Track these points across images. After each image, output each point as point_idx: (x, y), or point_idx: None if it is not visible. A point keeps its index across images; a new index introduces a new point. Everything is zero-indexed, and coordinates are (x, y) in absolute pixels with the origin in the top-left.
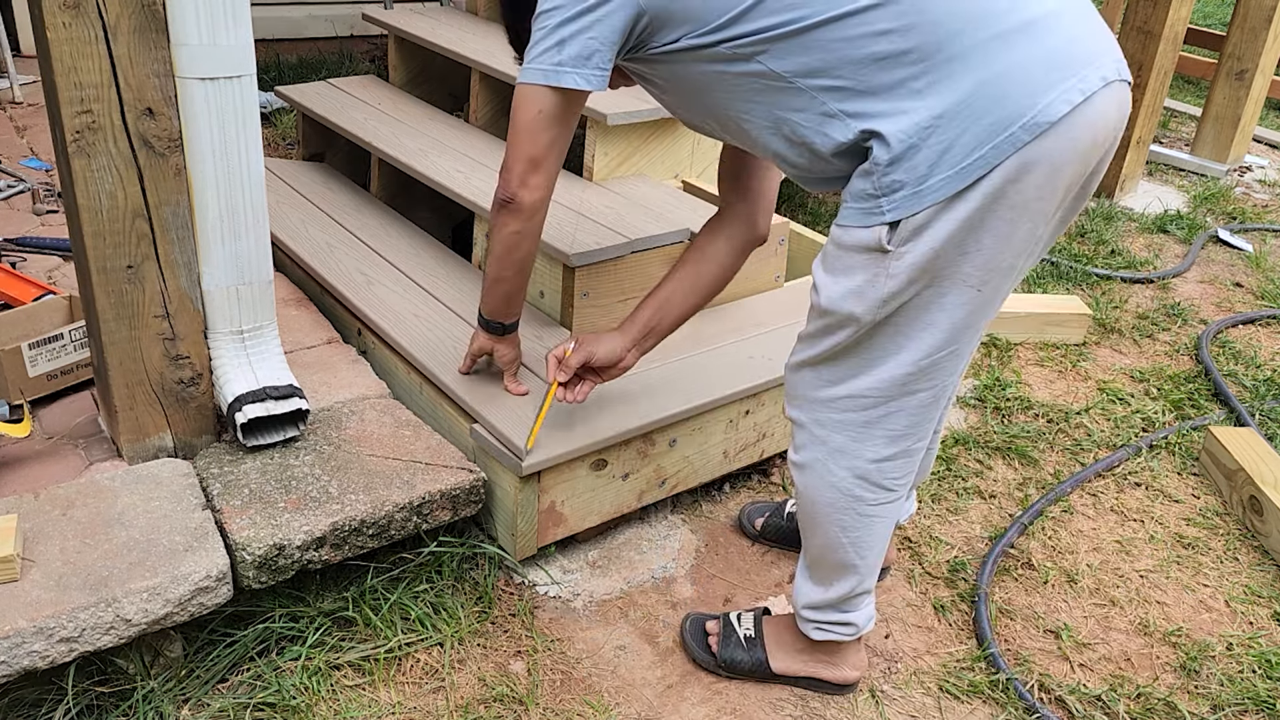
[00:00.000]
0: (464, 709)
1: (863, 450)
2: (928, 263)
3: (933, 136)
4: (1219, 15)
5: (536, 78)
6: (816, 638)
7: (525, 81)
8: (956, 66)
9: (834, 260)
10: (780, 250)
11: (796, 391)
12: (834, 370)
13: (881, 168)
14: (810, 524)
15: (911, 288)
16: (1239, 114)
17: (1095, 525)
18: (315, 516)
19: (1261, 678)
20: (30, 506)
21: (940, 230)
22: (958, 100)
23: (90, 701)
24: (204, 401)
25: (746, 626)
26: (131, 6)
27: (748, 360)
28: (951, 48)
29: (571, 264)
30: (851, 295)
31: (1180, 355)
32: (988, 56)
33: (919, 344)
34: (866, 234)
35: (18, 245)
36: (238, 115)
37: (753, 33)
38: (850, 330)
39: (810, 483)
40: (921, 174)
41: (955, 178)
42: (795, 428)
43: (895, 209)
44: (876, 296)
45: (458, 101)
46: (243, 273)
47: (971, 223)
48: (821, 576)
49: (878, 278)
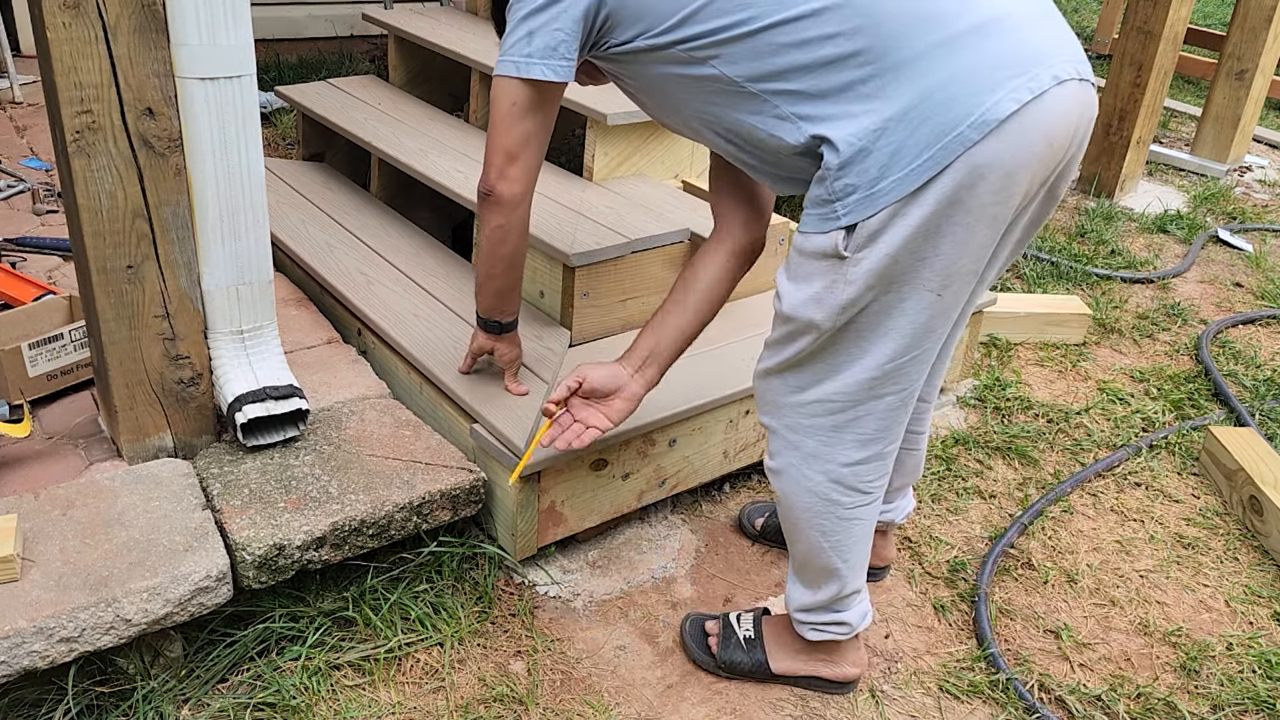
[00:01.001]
0: (464, 709)
1: (835, 454)
2: (885, 269)
3: (882, 139)
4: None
5: (509, 69)
6: (813, 638)
7: (499, 74)
8: (904, 70)
9: (795, 267)
10: (780, 250)
11: (767, 398)
12: (800, 376)
13: (833, 172)
14: (792, 529)
15: (870, 293)
16: (1239, 114)
17: (1095, 525)
18: (315, 516)
19: (1261, 678)
20: (30, 506)
21: (896, 235)
22: (906, 103)
23: (90, 701)
24: (204, 401)
25: (746, 628)
26: (131, 6)
27: (748, 360)
28: (900, 51)
29: (571, 264)
30: (811, 302)
31: (1180, 355)
32: (936, 60)
33: (881, 349)
34: (824, 240)
35: (18, 245)
36: (238, 115)
37: (704, 34)
38: (811, 337)
39: (787, 488)
40: (873, 177)
41: (906, 179)
42: (769, 434)
43: (849, 213)
44: (835, 303)
45: (458, 101)
46: (243, 273)
47: (927, 228)
48: (808, 580)
49: (836, 284)
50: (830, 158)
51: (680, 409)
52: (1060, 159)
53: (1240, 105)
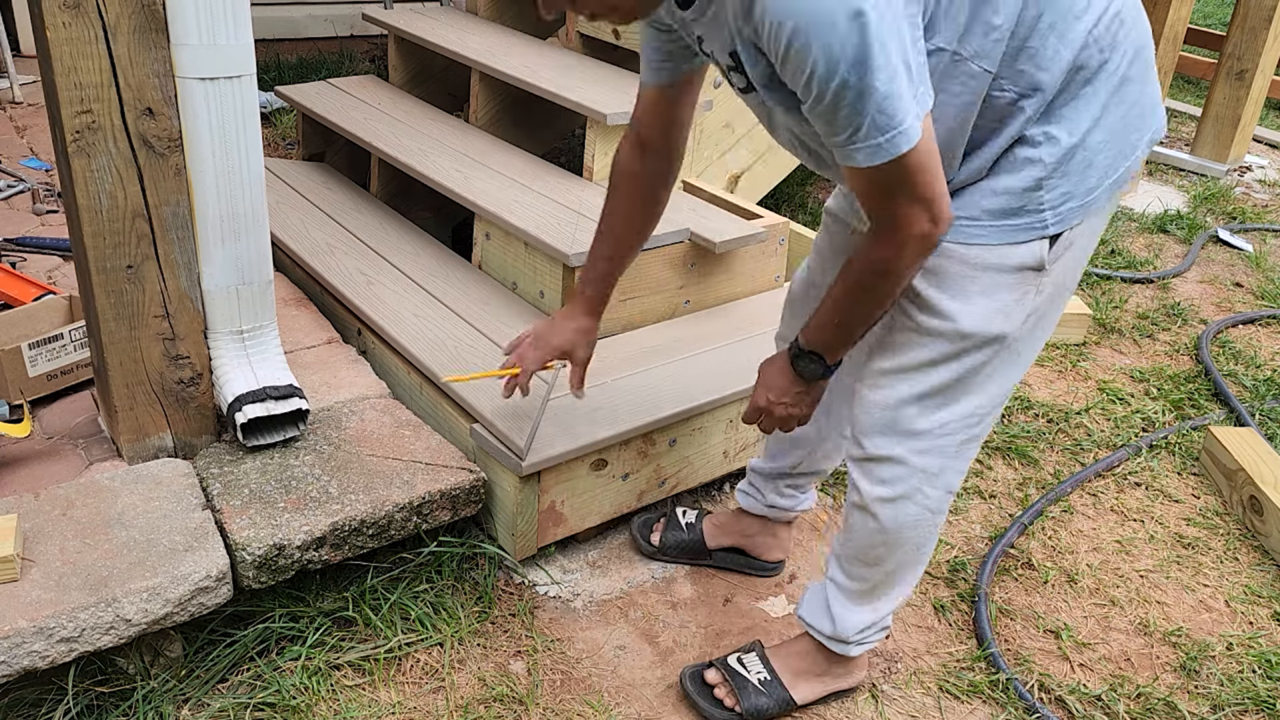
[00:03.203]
0: (464, 709)
1: (958, 465)
2: (1069, 277)
3: (1092, 141)
4: (1219, 15)
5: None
6: (857, 654)
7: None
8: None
9: (968, 282)
10: (780, 250)
11: (899, 427)
12: (944, 395)
13: (1048, 170)
14: (887, 553)
15: (1053, 301)
16: (1239, 114)
17: (1095, 525)
18: (315, 516)
19: (1261, 678)
20: (30, 506)
21: (1086, 243)
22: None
23: (90, 701)
24: (204, 401)
25: (757, 671)
26: (131, 6)
27: (748, 360)
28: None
29: (571, 264)
30: (998, 314)
31: (1180, 355)
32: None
33: (1030, 356)
34: (1023, 251)
35: (18, 245)
36: (238, 115)
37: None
38: (992, 350)
39: (901, 513)
40: (1090, 185)
41: (1110, 187)
42: (879, 464)
43: (1060, 220)
44: (1024, 312)
45: (458, 101)
46: (243, 273)
47: (1099, 234)
48: (877, 600)
49: (1027, 295)
50: (1048, 152)
51: (680, 409)
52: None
53: (1240, 105)
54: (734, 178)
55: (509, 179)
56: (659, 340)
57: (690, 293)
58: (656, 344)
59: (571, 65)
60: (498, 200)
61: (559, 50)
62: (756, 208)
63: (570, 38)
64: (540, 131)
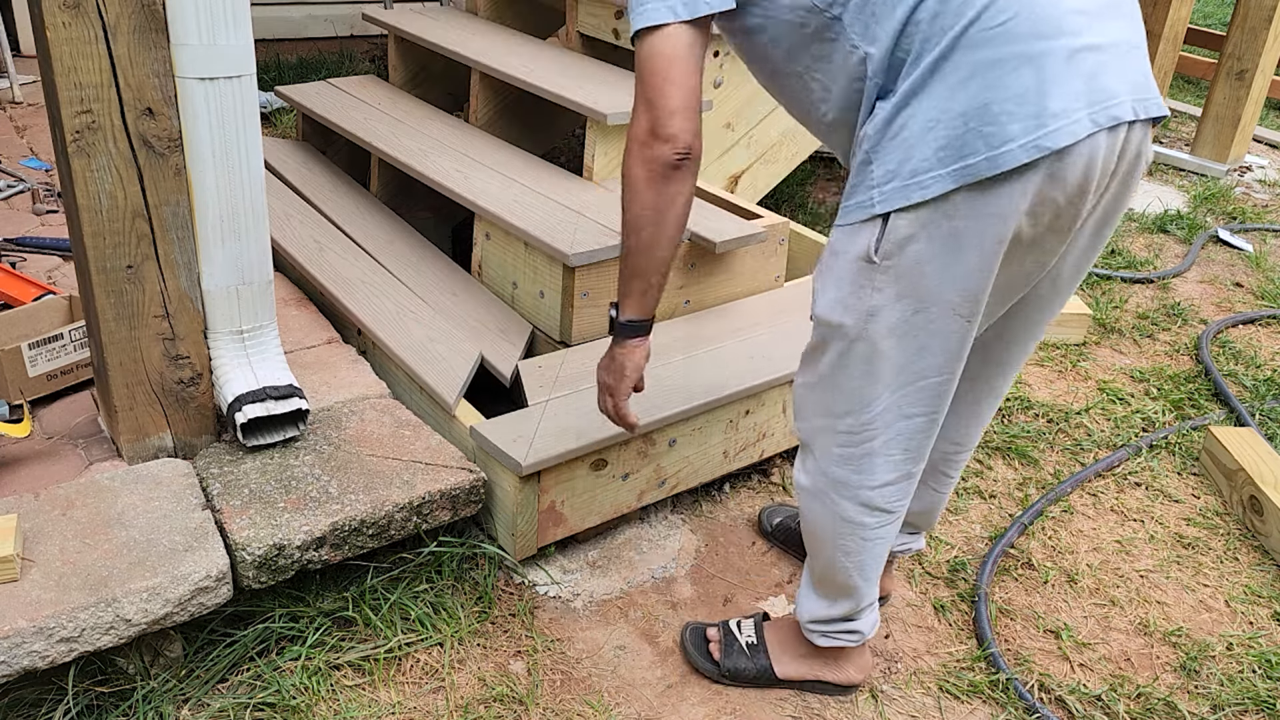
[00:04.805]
0: (464, 709)
1: (865, 480)
2: (922, 283)
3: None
4: (1219, 15)
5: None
6: (823, 644)
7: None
8: (995, 64)
9: (826, 266)
10: (780, 250)
11: (803, 409)
12: (834, 400)
13: (872, 141)
14: (813, 545)
15: (899, 305)
16: (1239, 114)
17: (1095, 525)
18: (315, 516)
19: (1261, 678)
20: (30, 506)
21: (924, 246)
22: (971, 97)
23: (90, 701)
24: (204, 401)
25: (748, 634)
26: (131, 6)
27: (748, 360)
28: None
29: (571, 264)
30: (838, 304)
31: (1180, 355)
32: (1032, 66)
33: (892, 369)
34: (861, 239)
35: (18, 245)
36: (238, 115)
37: None
38: (844, 342)
39: (813, 508)
40: (914, 167)
41: (941, 180)
42: (801, 446)
43: (884, 200)
44: (861, 308)
45: (458, 101)
46: (243, 273)
47: (954, 236)
48: (826, 593)
49: (863, 289)
50: (872, 125)
51: (680, 409)
52: (1095, 200)
53: (1240, 105)
54: (734, 178)
55: (509, 179)
56: (659, 340)
57: (690, 293)
58: (656, 344)
59: (571, 65)
60: (498, 200)
61: (559, 50)
62: (757, 208)
63: (570, 38)
64: (540, 131)
